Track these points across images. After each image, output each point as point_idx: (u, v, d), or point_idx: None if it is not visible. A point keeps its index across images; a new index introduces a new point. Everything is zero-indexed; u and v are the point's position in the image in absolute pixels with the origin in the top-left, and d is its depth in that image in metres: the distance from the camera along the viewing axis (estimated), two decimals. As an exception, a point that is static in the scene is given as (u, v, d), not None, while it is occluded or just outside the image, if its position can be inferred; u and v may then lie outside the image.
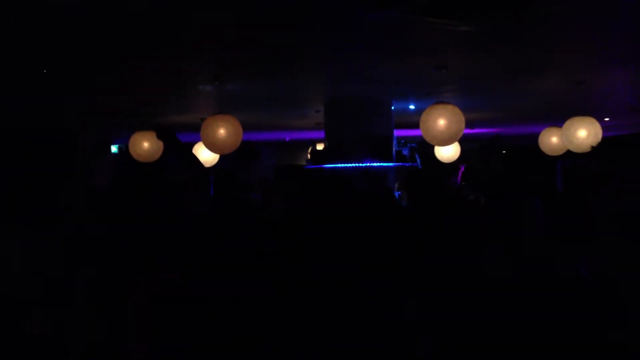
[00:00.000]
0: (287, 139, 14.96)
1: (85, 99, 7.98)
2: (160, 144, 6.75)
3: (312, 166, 8.83)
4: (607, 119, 11.21)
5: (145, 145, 8.37)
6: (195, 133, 7.29)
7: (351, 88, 7.67)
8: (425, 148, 8.68)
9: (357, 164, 8.12)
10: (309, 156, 10.30)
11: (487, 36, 4.88)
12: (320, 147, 9.89)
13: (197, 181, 3.28)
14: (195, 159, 3.47)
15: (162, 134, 3.49)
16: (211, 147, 6.63)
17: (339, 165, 8.21)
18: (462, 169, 6.18)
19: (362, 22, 4.44)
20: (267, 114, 10.20)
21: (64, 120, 9.90)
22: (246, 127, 6.88)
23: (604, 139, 7.32)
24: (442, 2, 3.73)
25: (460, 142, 8.18)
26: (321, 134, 9.42)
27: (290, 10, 4.15)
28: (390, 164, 8.53)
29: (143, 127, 8.23)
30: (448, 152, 9.31)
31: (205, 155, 8.68)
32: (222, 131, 6.36)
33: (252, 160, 14.58)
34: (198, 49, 5.30)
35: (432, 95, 7.34)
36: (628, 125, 12.73)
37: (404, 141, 9.61)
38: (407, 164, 8.84)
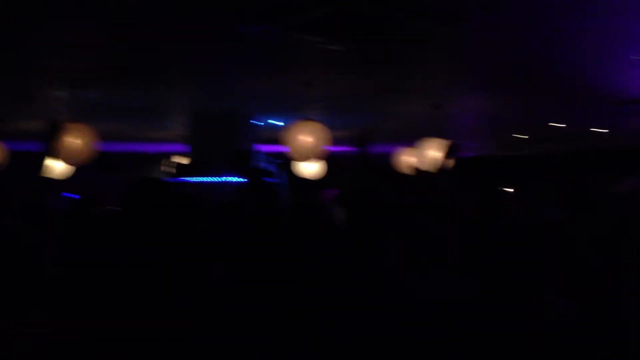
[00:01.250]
0: (150, 151, 14.32)
1: None
2: None
3: (175, 179, 8.52)
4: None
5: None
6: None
7: (218, 101, 7.52)
8: (293, 164, 8.73)
9: (222, 179, 7.97)
10: (164, 168, 9.96)
11: (356, 57, 5.01)
12: (184, 160, 9.59)
13: None
14: None
15: None
16: (63, 158, 6.14)
17: (204, 179, 8.00)
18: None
19: (233, 36, 4.34)
20: (129, 125, 9.69)
21: None
22: (105, 138, 6.47)
23: (457, 159, 7.80)
24: (316, 21, 3.75)
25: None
26: (185, 147, 9.13)
27: (156, 23, 3.96)
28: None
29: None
30: (312, 169, 9.44)
31: (59, 167, 8.02)
32: (74, 141, 5.92)
33: (111, 173, 13.79)
34: (51, 53, 4.89)
35: (299, 112, 7.40)
36: (475, 148, 13.78)
37: (269, 157, 9.58)
38: (272, 180, 8.82)
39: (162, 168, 10.25)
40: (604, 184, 3.34)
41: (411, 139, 8.80)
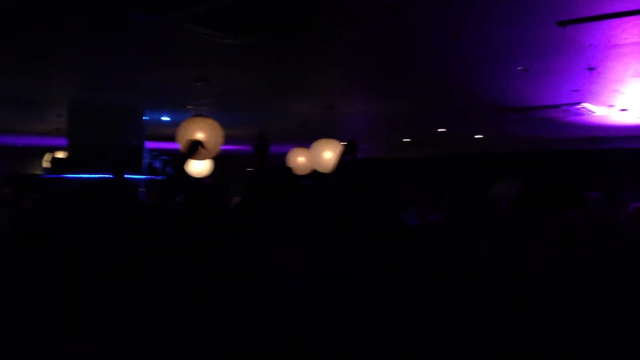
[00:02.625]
0: (20, 143, 13.29)
1: None
2: None
3: (51, 175, 7.92)
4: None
5: None
6: None
7: (101, 93, 7.07)
8: (178, 161, 8.42)
9: (102, 175, 7.50)
10: (45, 164, 9.25)
11: (251, 52, 4.90)
12: (60, 155, 8.93)
13: None
14: None
15: None
16: None
17: (83, 175, 7.50)
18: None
19: (120, 23, 4.06)
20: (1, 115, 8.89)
21: None
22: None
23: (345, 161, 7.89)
24: (213, 13, 3.60)
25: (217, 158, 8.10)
26: (59, 141, 8.53)
27: (35, 6, 3.62)
28: (141, 177, 8.08)
29: None
30: (200, 167, 9.17)
31: None
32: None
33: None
34: None
35: (189, 108, 7.15)
36: (366, 150, 14.10)
37: (156, 153, 9.19)
38: (158, 177, 8.47)
39: (43, 163, 9.50)
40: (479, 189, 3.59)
41: (305, 140, 8.81)
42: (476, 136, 11.36)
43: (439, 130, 10.36)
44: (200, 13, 3.51)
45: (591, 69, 5.53)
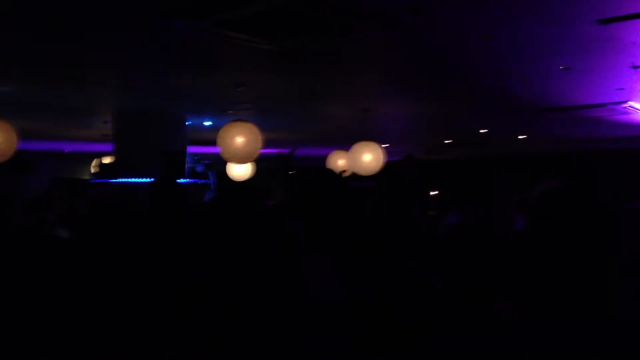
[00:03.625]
0: (66, 150, 13.73)
1: None
2: None
3: (98, 180, 8.17)
4: (386, 145, 12.21)
5: None
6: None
7: (144, 100, 7.27)
8: (221, 165, 8.58)
9: (145, 179, 7.70)
10: (92, 169, 9.55)
11: (288, 58, 4.96)
12: (107, 160, 9.21)
13: None
14: None
15: None
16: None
17: (128, 180, 7.71)
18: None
19: (160, 32, 4.18)
20: (48, 122, 9.22)
21: None
22: (21, 135, 6.10)
23: (387, 162, 7.89)
24: (247, 19, 3.67)
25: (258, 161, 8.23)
26: (106, 147, 8.78)
27: (77, 13, 3.75)
28: (183, 180, 8.26)
29: None
30: (241, 171, 9.31)
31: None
32: (-10, 138, 5.56)
33: (24, 173, 13.09)
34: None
35: (229, 113, 7.28)
36: (400, 152, 14.02)
37: (197, 157, 9.38)
38: (200, 181, 8.64)
39: (92, 168, 9.82)
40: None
41: (343, 142, 8.85)
42: (520, 137, 11.19)
43: (480, 131, 10.24)
44: (231, 20, 3.58)
45: (635, 67, 5.39)
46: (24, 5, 3.64)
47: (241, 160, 6.42)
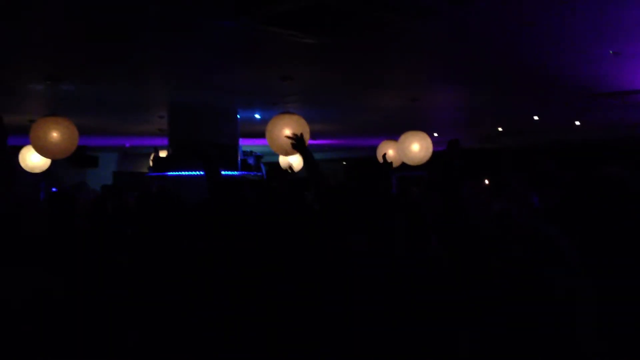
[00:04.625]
0: (127, 144, 14.29)
1: None
2: None
3: (155, 173, 8.51)
4: (436, 135, 12.15)
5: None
6: (23, 136, 6.68)
7: (197, 95, 7.53)
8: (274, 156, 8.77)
9: (199, 172, 7.97)
10: (151, 163, 9.91)
11: (331, 50, 5.06)
12: (163, 154, 9.57)
13: None
14: None
15: None
16: (42, 151, 6.13)
17: (183, 173, 8.00)
18: None
19: (208, 29, 4.37)
20: (107, 118, 9.66)
21: None
22: (82, 131, 6.46)
23: (433, 153, 7.89)
24: (287, 14, 3.79)
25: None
26: (164, 141, 9.13)
27: (130, 16, 3.97)
28: (235, 173, 8.49)
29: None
30: (293, 162, 9.49)
31: (35, 160, 8.01)
32: (54, 134, 5.91)
33: (88, 167, 13.73)
34: (28, 44, 4.87)
35: (277, 105, 7.43)
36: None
37: (249, 150, 9.62)
38: (252, 173, 8.86)
39: (150, 162, 10.24)
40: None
41: (392, 132, 8.89)
42: (577, 122, 10.93)
43: (528, 117, 10.07)
44: (273, 15, 3.71)
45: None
46: (90, 9, 3.87)
47: (289, 152, 6.56)
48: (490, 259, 2.88)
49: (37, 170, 8.32)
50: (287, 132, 5.37)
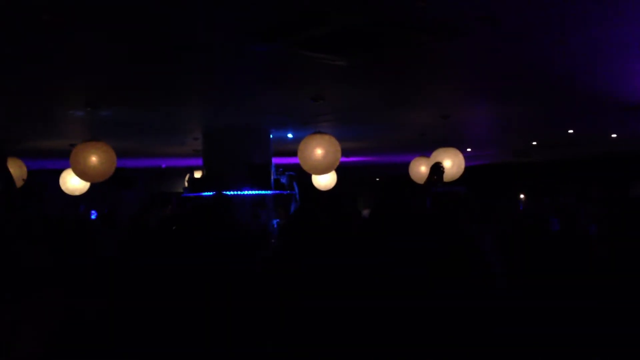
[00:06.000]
0: (164, 166, 14.59)
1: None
2: None
3: (190, 194, 8.68)
4: (469, 150, 12.08)
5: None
6: (64, 159, 6.91)
7: (230, 117, 7.69)
8: (303, 176, 8.85)
9: (235, 192, 8.10)
10: (186, 184, 10.10)
11: (361, 71, 5.13)
12: (198, 174, 9.77)
13: None
14: None
15: None
16: (82, 175, 6.33)
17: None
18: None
19: (242, 54, 4.49)
20: (143, 141, 9.91)
21: None
22: (120, 154, 6.65)
23: (466, 168, 7.86)
24: (316, 39, 3.88)
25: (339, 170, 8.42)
26: (199, 161, 9.31)
27: (168, 43, 4.11)
28: (269, 192, 8.60)
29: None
30: (325, 181, 9.57)
31: (75, 183, 8.27)
32: (94, 159, 6.11)
33: (127, 188, 14.04)
34: (69, 72, 5.06)
35: (309, 125, 7.53)
36: (486, 156, 13.80)
37: (282, 169, 9.73)
38: (285, 192, 8.94)
39: (185, 182, 10.47)
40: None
41: (424, 149, 8.89)
42: (613, 135, 10.75)
43: (561, 131, 9.96)
44: (305, 40, 3.80)
45: None
46: (131, 37, 4.02)
47: (321, 171, 6.65)
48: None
49: (77, 193, 8.58)
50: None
